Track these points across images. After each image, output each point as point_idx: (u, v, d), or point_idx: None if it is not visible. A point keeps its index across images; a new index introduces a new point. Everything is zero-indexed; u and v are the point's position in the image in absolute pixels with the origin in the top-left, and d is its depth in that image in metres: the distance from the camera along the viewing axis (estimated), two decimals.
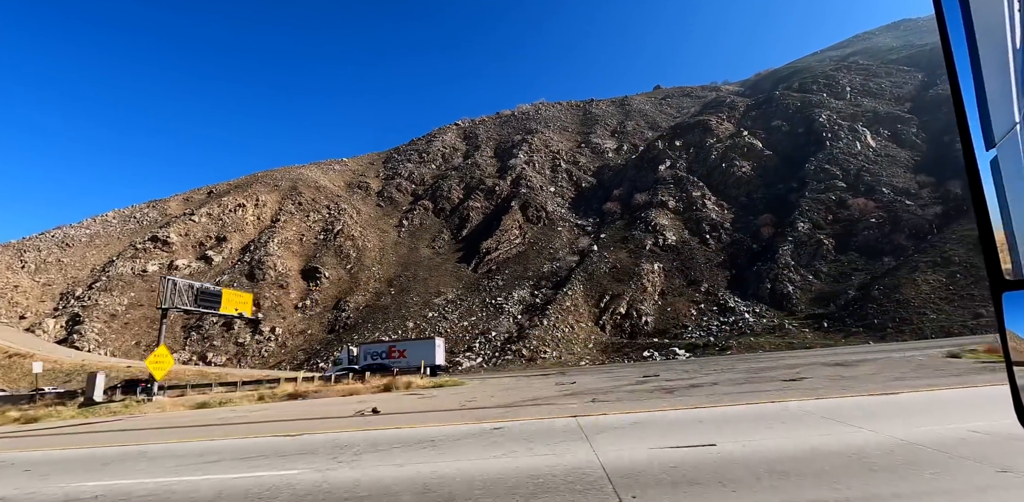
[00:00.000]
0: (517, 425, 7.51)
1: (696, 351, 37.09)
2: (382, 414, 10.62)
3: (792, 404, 7.81)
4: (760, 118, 78.16)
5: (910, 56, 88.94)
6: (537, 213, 70.80)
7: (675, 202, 64.21)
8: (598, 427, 6.75)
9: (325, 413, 11.91)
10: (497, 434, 6.77)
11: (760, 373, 15.40)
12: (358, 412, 11.08)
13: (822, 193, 55.29)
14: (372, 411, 11.03)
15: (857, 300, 38.48)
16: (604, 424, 7.02)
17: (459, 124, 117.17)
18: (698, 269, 51.85)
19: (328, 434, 7.84)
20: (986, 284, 0.86)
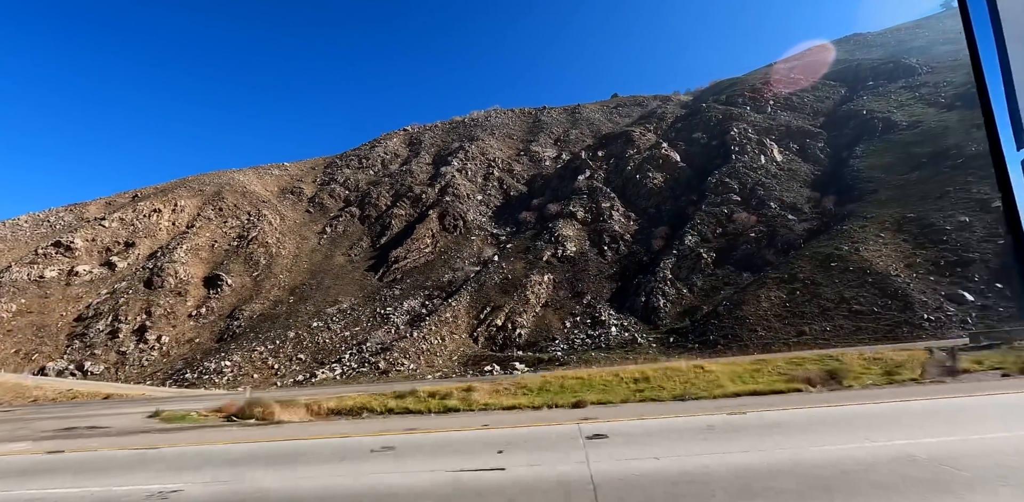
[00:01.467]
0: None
1: (539, 365, 37.27)
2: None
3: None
4: (684, 130, 79.01)
5: (839, 71, 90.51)
6: (455, 222, 70.95)
7: (584, 213, 64.63)
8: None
9: None
10: None
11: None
12: None
13: (716, 206, 55.90)
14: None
15: (707, 315, 38.92)
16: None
17: (408, 129, 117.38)
18: (588, 281, 52.18)
19: None
20: (819, 302, 0.82)
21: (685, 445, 7.70)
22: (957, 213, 38.88)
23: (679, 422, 9.92)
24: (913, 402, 11.04)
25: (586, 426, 10.06)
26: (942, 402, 10.89)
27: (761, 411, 10.75)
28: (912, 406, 10.54)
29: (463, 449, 8.57)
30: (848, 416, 9.74)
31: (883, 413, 9.87)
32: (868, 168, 53.54)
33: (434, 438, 9.99)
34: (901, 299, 32.60)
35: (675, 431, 8.92)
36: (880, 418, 9.34)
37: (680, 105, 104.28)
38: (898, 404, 10.87)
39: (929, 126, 57.16)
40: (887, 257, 36.85)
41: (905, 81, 74.64)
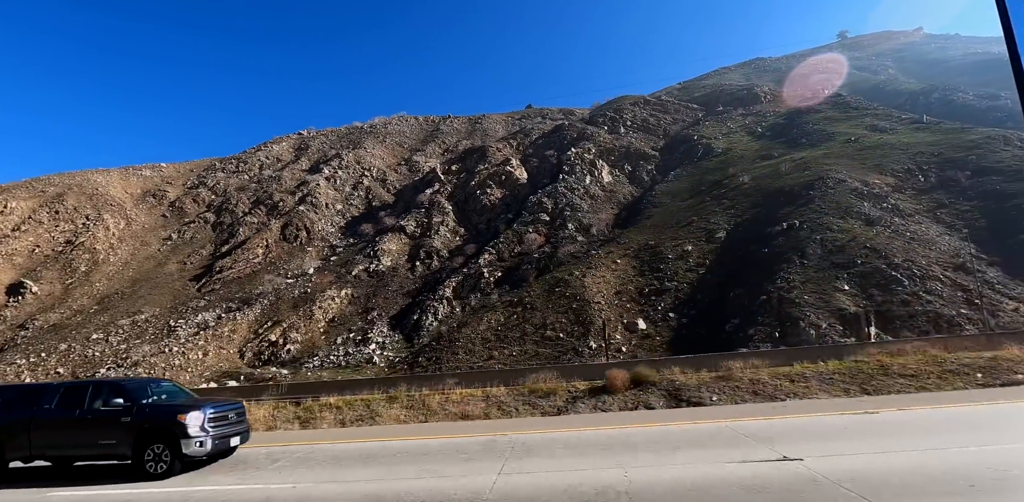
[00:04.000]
0: None
1: (261, 383, 37.44)
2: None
3: None
4: (542, 146, 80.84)
5: (706, 94, 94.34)
6: (297, 232, 70.61)
7: (415, 227, 65.34)
8: None
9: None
10: None
11: None
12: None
13: (525, 225, 57.41)
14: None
15: (436, 338, 39.90)
16: None
17: (302, 134, 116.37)
18: (384, 297, 52.73)
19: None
20: (526, 326, 0.84)
21: None
22: (686, 242, 41.01)
23: None
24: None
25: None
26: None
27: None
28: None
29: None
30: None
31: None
32: (662, 193, 55.93)
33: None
34: (585, 326, 34.17)
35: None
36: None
37: (578, 119, 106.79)
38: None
39: (733, 155, 60.16)
40: (606, 284, 38.56)
41: (745, 109, 78.39)
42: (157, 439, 9.48)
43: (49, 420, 10.14)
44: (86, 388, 10.50)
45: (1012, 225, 32.50)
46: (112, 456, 9.90)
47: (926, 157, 42.83)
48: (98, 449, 9.90)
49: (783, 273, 30.70)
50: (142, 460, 9.49)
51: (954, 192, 37.75)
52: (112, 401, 9.99)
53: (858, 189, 38.18)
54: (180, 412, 9.65)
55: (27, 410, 10.34)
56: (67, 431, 10.05)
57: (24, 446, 10.10)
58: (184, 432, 9.38)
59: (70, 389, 10.64)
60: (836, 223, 34.06)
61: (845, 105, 64.05)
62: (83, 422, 9.97)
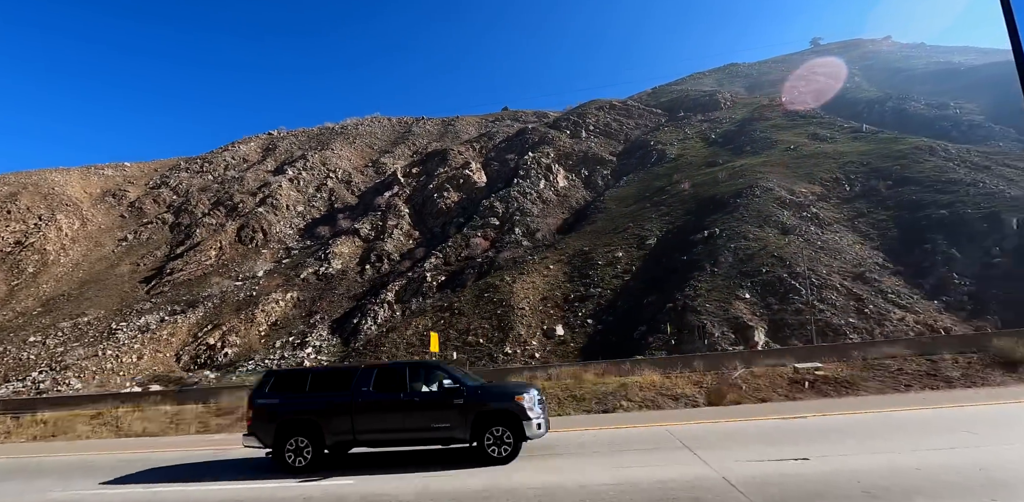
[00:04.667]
0: None
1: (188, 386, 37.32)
2: None
3: None
4: (504, 150, 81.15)
5: (672, 100, 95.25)
6: (253, 234, 70.30)
7: (369, 230, 65.36)
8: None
9: None
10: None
11: None
12: None
13: (475, 229, 57.68)
14: None
15: (366, 343, 40.03)
16: None
17: (272, 134, 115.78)
18: (330, 300, 52.72)
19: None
20: (451, 332, 0.83)
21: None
22: (618, 249, 41.51)
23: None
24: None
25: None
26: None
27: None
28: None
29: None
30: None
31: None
32: (610, 199, 56.48)
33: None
34: (505, 332, 34.50)
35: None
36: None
37: (543, 123, 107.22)
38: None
39: (683, 161, 60.87)
40: (534, 290, 38.93)
41: (704, 115, 79.30)
42: (497, 421, 8.91)
43: (371, 403, 9.45)
44: (403, 370, 9.93)
45: (920, 235, 33.35)
46: (445, 440, 9.35)
47: (855, 166, 43.74)
48: (430, 433, 9.27)
49: (693, 281, 31.25)
50: (482, 443, 8.94)
51: (874, 201, 38.61)
52: (441, 383, 9.44)
53: (782, 198, 38.92)
54: (516, 393, 9.18)
55: (342, 394, 9.61)
56: (393, 415, 9.39)
57: (346, 431, 9.40)
58: (525, 414, 8.88)
59: (385, 371, 10.03)
60: (753, 232, 34.72)
61: (794, 113, 65.09)
62: (410, 405, 9.32)
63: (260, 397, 9.92)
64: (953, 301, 28.30)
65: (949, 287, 29.14)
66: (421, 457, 10.01)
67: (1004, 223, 31.29)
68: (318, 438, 9.41)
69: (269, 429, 9.51)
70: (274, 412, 9.63)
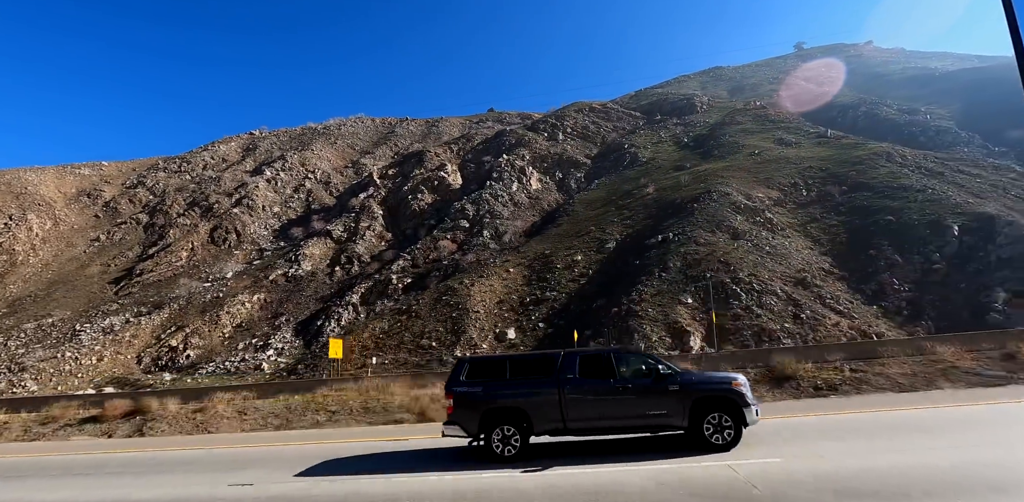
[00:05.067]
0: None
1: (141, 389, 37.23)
2: None
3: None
4: (482, 152, 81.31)
5: (652, 102, 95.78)
6: (226, 235, 70.04)
7: (341, 231, 65.30)
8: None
9: None
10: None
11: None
12: None
13: (446, 231, 57.79)
14: None
15: (324, 346, 39.99)
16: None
17: (253, 134, 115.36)
18: (297, 302, 52.65)
19: None
20: (405, 334, 0.84)
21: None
22: (578, 252, 41.78)
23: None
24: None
25: None
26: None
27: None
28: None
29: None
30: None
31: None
32: (579, 202, 56.77)
33: None
34: (458, 335, 34.66)
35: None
36: None
37: (520, 125, 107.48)
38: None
39: (653, 165, 61.28)
40: (492, 293, 39.11)
41: (679, 118, 79.81)
42: (715, 408, 8.75)
43: (581, 390, 9.22)
44: (608, 356, 9.66)
45: (867, 240, 33.83)
46: (660, 427, 9.14)
47: (814, 171, 44.26)
48: (645, 420, 9.05)
49: (640, 285, 31.55)
50: (699, 430, 8.75)
51: (828, 207, 39.11)
52: (652, 369, 9.28)
53: (738, 203, 39.32)
54: (732, 379, 9.10)
55: (547, 380, 9.35)
56: (605, 402, 9.16)
57: (556, 419, 9.12)
58: (744, 400, 8.78)
59: (590, 357, 9.75)
60: (704, 237, 35.08)
61: (764, 117, 65.68)
62: (623, 391, 9.09)
63: (458, 385, 9.59)
64: (892, 306, 28.76)
65: (889, 293, 29.61)
66: (618, 446, 9.73)
67: (946, 230, 31.81)
68: (526, 426, 9.16)
69: (473, 418, 9.22)
70: (477, 400, 9.35)
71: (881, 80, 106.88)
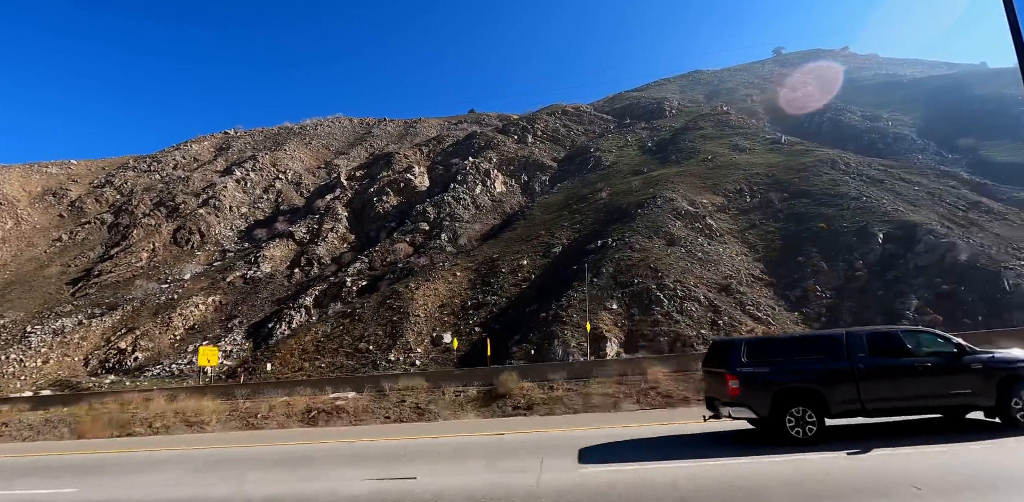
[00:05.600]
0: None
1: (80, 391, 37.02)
2: None
3: None
4: (452, 154, 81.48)
5: (625, 107, 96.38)
6: (189, 236, 69.65)
7: (304, 233, 65.21)
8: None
9: None
10: None
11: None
12: None
13: (405, 234, 57.92)
14: None
15: (266, 349, 40.04)
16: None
17: (228, 133, 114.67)
18: (252, 304, 52.52)
19: None
20: (344, 338, 0.84)
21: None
22: (524, 257, 42.08)
23: None
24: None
25: None
26: None
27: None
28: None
29: None
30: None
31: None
32: (538, 206, 57.11)
33: None
34: (395, 339, 34.82)
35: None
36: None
37: (492, 127, 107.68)
38: None
39: (614, 169, 61.78)
40: (436, 297, 39.32)
41: (647, 123, 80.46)
42: (1019, 387, 8.66)
43: (876, 370, 9.04)
44: (898, 335, 9.55)
45: (798, 247, 34.43)
46: (964, 407, 9.14)
47: (760, 178, 44.89)
48: (947, 400, 8.98)
49: (572, 291, 31.91)
50: (1007, 410, 8.67)
51: (768, 213, 39.71)
52: (954, 347, 9.16)
53: (680, 209, 39.83)
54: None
55: (837, 361, 9.18)
56: (903, 381, 8.99)
57: (852, 400, 8.95)
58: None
59: (879, 336, 9.54)
60: (641, 243, 35.51)
61: (725, 123, 66.42)
62: (922, 370, 8.96)
63: (740, 366, 9.36)
64: (812, 313, 29.33)
65: (812, 299, 30.18)
66: (903, 428, 9.63)
67: (871, 237, 32.47)
68: (821, 407, 8.98)
69: (763, 399, 9.00)
70: (766, 381, 9.14)
71: (851, 86, 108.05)
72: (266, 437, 13.60)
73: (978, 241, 31.69)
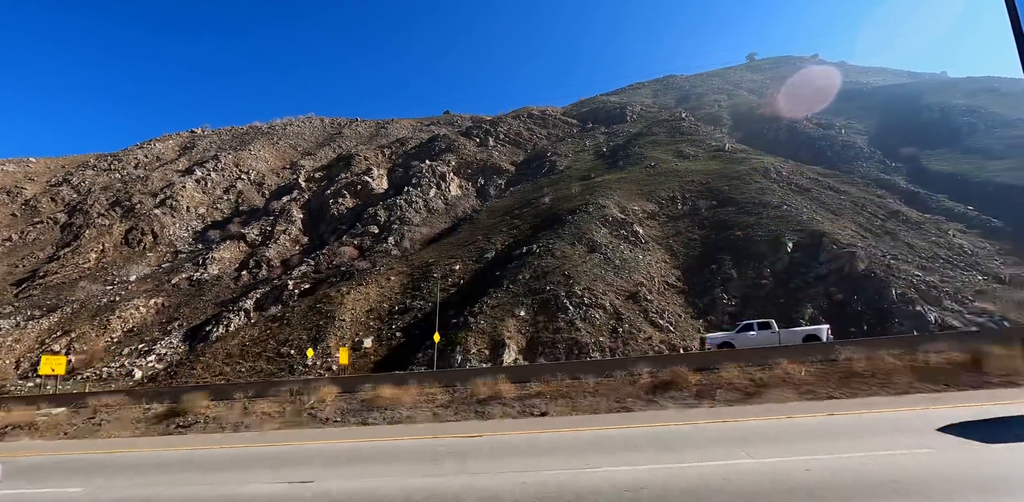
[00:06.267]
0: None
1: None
2: None
3: None
4: (414, 156, 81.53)
5: (593, 110, 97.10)
6: (141, 237, 69.00)
7: (256, 234, 64.94)
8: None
9: None
10: None
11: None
12: None
13: (355, 237, 57.97)
14: None
15: (192, 350, 39.89)
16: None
17: (195, 132, 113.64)
18: (195, 307, 52.22)
19: None
20: (270, 343, 0.79)
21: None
22: (458, 261, 42.39)
23: None
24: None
25: None
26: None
27: None
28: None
29: None
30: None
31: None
32: (486, 210, 57.46)
33: None
34: (316, 343, 34.91)
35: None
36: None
37: (456, 130, 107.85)
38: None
39: (566, 174, 62.30)
40: (366, 301, 39.46)
41: (608, 127, 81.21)
42: None
43: None
44: None
45: (714, 255, 35.11)
46: None
47: (694, 185, 45.63)
48: None
49: (487, 297, 32.28)
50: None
51: (695, 221, 40.42)
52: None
53: (608, 216, 40.39)
54: None
55: None
56: None
57: None
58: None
59: None
60: (563, 249, 35.99)
61: (677, 129, 67.24)
62: None
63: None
64: (716, 321, 29.96)
65: (718, 307, 30.84)
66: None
67: (781, 246, 33.24)
68: None
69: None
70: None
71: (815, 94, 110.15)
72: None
73: (885, 251, 32.59)
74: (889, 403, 11.41)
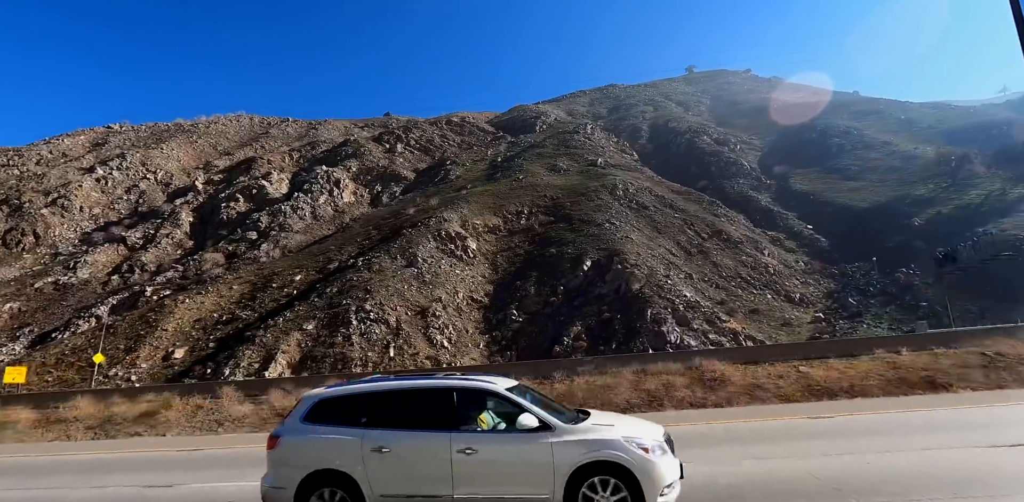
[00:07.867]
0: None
1: None
2: None
3: None
4: (320, 161, 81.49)
5: (523, 118, 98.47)
6: (21, 237, 67.27)
7: (138, 237, 64.16)
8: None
9: None
10: None
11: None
12: None
13: (233, 243, 57.89)
14: None
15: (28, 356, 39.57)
16: None
17: (112, 127, 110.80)
18: (53, 312, 51.41)
19: None
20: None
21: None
22: (301, 272, 42.98)
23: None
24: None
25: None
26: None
27: None
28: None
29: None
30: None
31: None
32: (364, 218, 58.16)
33: None
34: (127, 353, 35.09)
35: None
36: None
37: (368, 135, 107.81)
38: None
39: (452, 185, 63.39)
40: (198, 311, 39.72)
41: (515, 138, 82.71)
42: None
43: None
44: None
45: (527, 271, 36.65)
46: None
47: (544, 201, 47.31)
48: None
49: (289, 310, 33.07)
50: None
51: (529, 236, 42.02)
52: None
53: (444, 230, 41.63)
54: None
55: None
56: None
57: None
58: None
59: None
60: (381, 262, 37.06)
61: (567, 142, 69.07)
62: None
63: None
64: (500, 337, 31.45)
65: (507, 323, 32.34)
66: None
67: (580, 264, 34.98)
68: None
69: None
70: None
71: (732, 108, 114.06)
72: None
73: (670, 272, 34.60)
74: None
